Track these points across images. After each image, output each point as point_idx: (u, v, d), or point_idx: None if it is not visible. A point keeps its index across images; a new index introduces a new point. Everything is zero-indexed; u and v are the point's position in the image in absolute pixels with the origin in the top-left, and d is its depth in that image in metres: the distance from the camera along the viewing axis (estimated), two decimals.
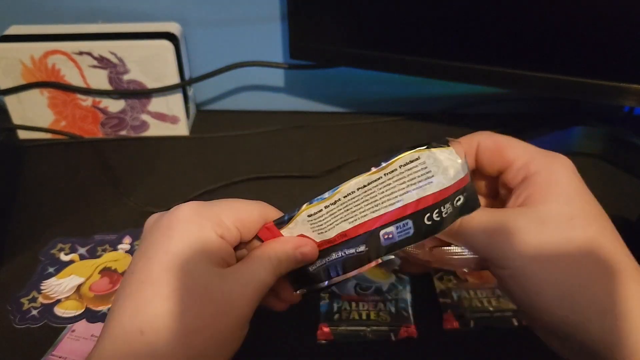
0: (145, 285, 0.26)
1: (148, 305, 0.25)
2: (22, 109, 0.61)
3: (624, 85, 0.47)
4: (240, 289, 0.27)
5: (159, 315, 0.25)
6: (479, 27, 0.49)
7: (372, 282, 0.42)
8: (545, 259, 0.26)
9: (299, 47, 0.57)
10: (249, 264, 0.29)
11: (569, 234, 0.26)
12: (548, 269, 0.26)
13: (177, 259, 0.26)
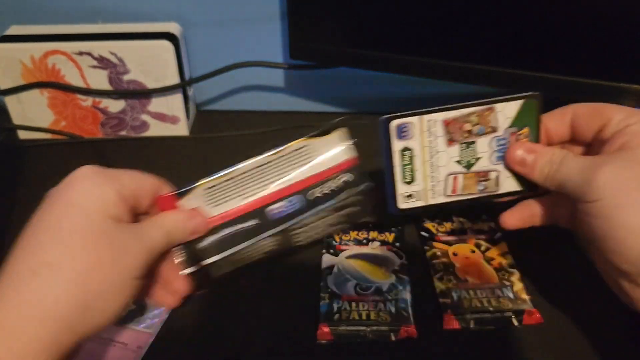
0: (41, 230, 0.28)
1: (43, 248, 0.27)
2: (22, 109, 0.61)
3: (624, 85, 0.47)
4: (134, 241, 0.29)
5: (54, 257, 0.26)
6: (479, 27, 0.49)
7: (372, 282, 0.42)
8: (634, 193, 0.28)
9: (299, 47, 0.57)
10: (143, 225, 0.31)
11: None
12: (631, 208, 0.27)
13: (74, 207, 0.29)
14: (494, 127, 0.33)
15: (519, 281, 0.42)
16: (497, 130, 0.33)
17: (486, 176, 0.34)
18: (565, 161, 0.32)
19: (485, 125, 0.33)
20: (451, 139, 0.33)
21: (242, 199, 0.32)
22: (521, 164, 0.34)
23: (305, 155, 0.33)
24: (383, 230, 0.48)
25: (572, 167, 0.31)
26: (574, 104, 0.35)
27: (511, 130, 0.34)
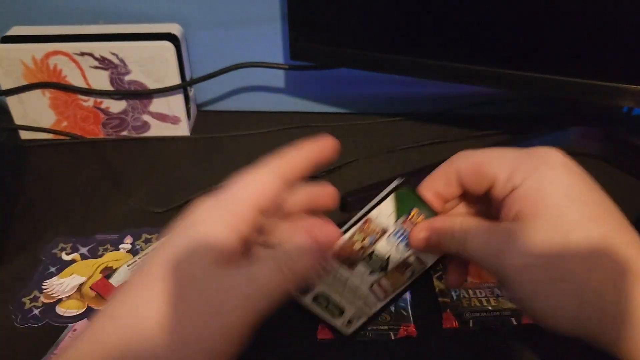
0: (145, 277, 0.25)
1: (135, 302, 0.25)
2: (24, 109, 0.61)
3: (623, 85, 0.47)
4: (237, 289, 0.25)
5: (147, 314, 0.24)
6: (478, 28, 0.49)
7: None
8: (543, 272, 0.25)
9: (299, 47, 0.57)
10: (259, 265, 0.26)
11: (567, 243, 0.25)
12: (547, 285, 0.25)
13: (175, 258, 0.25)
14: (383, 229, 0.31)
15: None
16: (388, 229, 0.31)
17: (406, 264, 0.32)
18: (469, 241, 0.28)
19: (373, 233, 0.31)
20: (350, 263, 0.31)
21: None
22: (426, 246, 0.30)
23: None
24: None
25: (477, 248, 0.27)
26: (457, 159, 0.30)
27: (401, 220, 0.31)
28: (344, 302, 0.31)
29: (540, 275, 0.25)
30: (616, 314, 0.24)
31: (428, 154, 0.59)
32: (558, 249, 0.25)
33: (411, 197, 0.31)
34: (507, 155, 0.28)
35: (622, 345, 0.24)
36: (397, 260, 0.31)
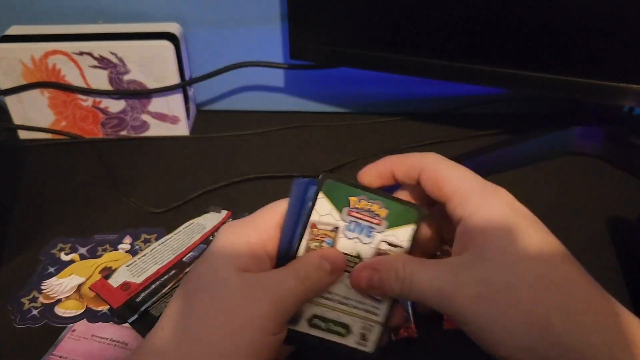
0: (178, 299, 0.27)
1: (171, 305, 0.27)
2: (23, 109, 0.61)
3: (624, 85, 0.47)
4: (259, 292, 0.26)
5: (171, 314, 0.27)
6: (478, 27, 0.49)
7: None
8: (494, 302, 0.25)
9: (299, 47, 0.57)
10: (277, 270, 0.28)
11: (514, 273, 0.25)
12: (497, 315, 0.25)
13: (205, 265, 0.28)
14: (333, 227, 0.30)
15: None
16: (338, 225, 0.30)
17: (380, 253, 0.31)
18: (415, 279, 0.27)
19: (326, 236, 0.30)
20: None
21: (157, 265, 0.43)
22: (369, 287, 0.29)
23: (194, 228, 0.48)
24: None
25: (425, 285, 0.27)
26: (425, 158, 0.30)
27: (345, 212, 0.30)
28: (343, 316, 0.30)
29: (491, 305, 0.25)
30: (566, 343, 0.24)
31: None
32: (506, 279, 0.25)
33: (339, 187, 0.30)
34: (465, 180, 0.29)
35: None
36: (369, 252, 0.30)
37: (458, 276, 0.26)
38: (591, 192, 0.54)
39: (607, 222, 0.49)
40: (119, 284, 0.42)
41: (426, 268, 0.28)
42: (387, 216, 0.30)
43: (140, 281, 0.42)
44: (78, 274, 0.44)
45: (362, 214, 0.30)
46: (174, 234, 0.47)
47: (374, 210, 0.30)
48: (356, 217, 0.30)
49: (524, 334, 0.25)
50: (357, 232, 0.30)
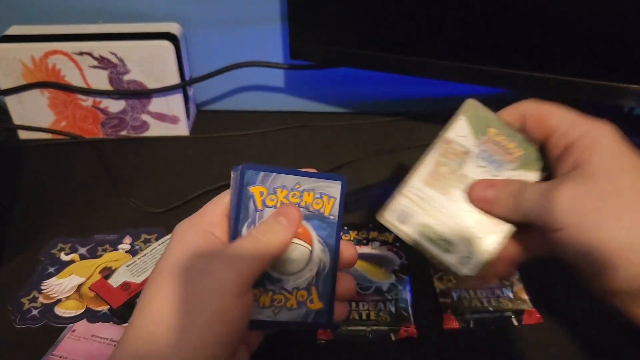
0: (147, 288, 0.29)
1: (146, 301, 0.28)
2: (23, 109, 0.61)
3: (624, 85, 0.47)
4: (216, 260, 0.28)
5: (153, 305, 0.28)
6: (478, 27, 0.49)
7: (372, 282, 0.42)
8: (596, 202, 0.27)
9: (299, 47, 0.57)
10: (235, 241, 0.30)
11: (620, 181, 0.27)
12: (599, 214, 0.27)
13: (170, 260, 0.29)
14: (466, 150, 0.32)
15: (518, 281, 0.42)
16: (470, 149, 0.32)
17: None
18: (523, 191, 0.30)
19: (457, 156, 0.32)
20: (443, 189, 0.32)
21: None
22: (483, 202, 0.31)
23: None
24: (383, 230, 0.48)
25: (531, 197, 0.29)
26: (524, 104, 0.32)
27: (482, 140, 0.32)
28: (450, 234, 0.32)
29: (593, 203, 0.27)
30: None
31: None
32: (611, 183, 0.27)
33: (482, 115, 0.33)
34: (569, 113, 0.31)
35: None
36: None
37: (563, 181, 0.28)
38: None
39: None
40: (119, 284, 0.42)
41: (537, 184, 0.30)
42: (521, 157, 0.32)
43: (140, 281, 0.42)
44: (78, 274, 0.44)
45: (497, 147, 0.32)
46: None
47: (509, 147, 0.32)
48: (491, 149, 0.32)
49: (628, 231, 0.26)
50: (488, 162, 0.32)
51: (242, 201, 0.31)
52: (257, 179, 0.31)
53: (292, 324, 0.31)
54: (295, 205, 0.32)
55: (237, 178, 0.31)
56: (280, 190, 0.32)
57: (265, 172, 0.31)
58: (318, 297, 0.32)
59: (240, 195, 0.31)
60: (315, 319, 0.32)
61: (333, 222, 0.33)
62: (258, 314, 0.30)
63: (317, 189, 0.33)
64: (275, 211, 0.31)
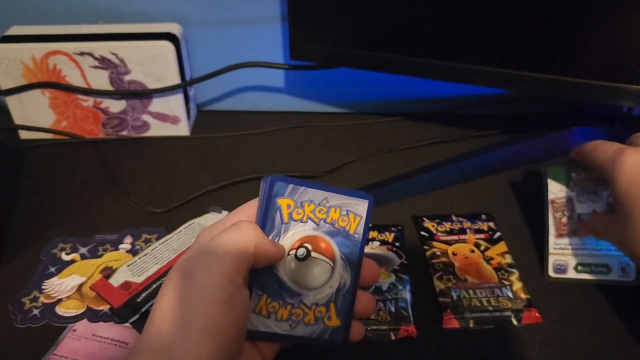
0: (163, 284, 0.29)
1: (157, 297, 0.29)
2: (24, 109, 0.61)
3: (624, 85, 0.47)
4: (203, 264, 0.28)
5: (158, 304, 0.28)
6: (478, 28, 0.49)
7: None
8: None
9: (299, 47, 0.57)
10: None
11: None
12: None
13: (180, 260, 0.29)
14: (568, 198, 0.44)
15: (518, 280, 0.42)
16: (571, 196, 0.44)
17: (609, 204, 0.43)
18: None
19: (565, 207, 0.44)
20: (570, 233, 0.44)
21: (158, 265, 0.43)
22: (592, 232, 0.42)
23: (196, 226, 0.48)
24: (383, 230, 0.48)
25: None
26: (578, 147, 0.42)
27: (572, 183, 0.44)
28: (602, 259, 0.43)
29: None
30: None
31: (428, 154, 0.59)
32: None
33: (561, 171, 0.44)
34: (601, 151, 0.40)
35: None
36: (602, 206, 0.42)
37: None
38: None
39: None
40: (119, 283, 0.42)
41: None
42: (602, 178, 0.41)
43: (140, 281, 0.42)
44: (79, 273, 0.44)
45: (585, 182, 0.43)
46: (175, 233, 0.47)
47: (595, 177, 0.42)
48: (580, 186, 0.43)
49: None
50: (586, 195, 0.43)
51: (269, 212, 0.31)
52: (285, 191, 0.31)
53: (308, 339, 0.31)
54: None
55: (266, 189, 0.31)
56: (308, 204, 0.31)
57: (295, 185, 0.31)
58: (336, 314, 0.32)
59: (268, 206, 0.31)
60: (332, 336, 0.32)
61: (357, 240, 0.33)
62: (275, 327, 0.30)
63: (344, 206, 0.32)
64: None
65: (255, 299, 0.30)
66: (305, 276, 0.31)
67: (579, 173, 0.43)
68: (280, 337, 0.31)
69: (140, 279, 0.42)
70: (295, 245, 0.31)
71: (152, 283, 0.42)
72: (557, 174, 0.44)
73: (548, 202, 0.44)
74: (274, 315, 0.30)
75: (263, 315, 0.30)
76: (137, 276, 0.42)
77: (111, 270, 0.43)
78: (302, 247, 0.31)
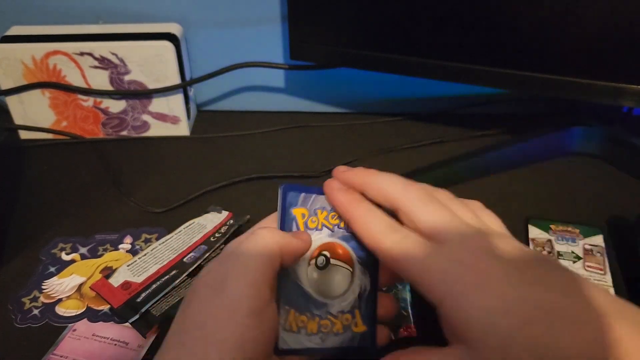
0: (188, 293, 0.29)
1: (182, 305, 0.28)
2: (24, 109, 0.61)
3: (624, 85, 0.47)
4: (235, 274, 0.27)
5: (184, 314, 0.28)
6: (478, 28, 0.49)
7: None
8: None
9: (299, 47, 0.57)
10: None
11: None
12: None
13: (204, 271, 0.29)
14: (547, 240, 0.47)
15: None
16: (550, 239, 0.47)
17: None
18: None
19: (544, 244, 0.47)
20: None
21: (158, 265, 0.43)
22: None
23: (194, 227, 0.47)
24: None
25: None
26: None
27: (551, 231, 0.48)
28: None
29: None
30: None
31: (428, 154, 0.59)
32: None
33: (543, 223, 0.48)
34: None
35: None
36: (581, 250, 0.45)
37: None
38: (591, 192, 0.54)
39: (606, 222, 0.49)
40: (119, 283, 0.42)
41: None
42: (580, 232, 0.47)
43: (140, 281, 0.42)
44: (79, 273, 0.44)
45: (563, 232, 0.47)
46: (175, 233, 0.47)
47: (570, 230, 0.47)
48: (560, 234, 0.47)
49: None
50: (565, 241, 0.46)
51: (286, 223, 0.30)
52: (298, 201, 0.31)
53: (340, 349, 0.31)
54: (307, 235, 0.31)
55: (280, 199, 0.31)
56: (320, 211, 0.32)
57: (306, 194, 0.31)
58: (362, 319, 0.32)
59: (284, 216, 0.30)
60: (361, 342, 0.31)
61: None
62: (307, 342, 0.30)
63: None
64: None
65: (284, 314, 0.29)
66: (328, 285, 0.31)
67: (557, 226, 0.48)
68: (312, 352, 0.30)
69: (140, 278, 0.42)
70: (315, 254, 0.31)
71: (152, 283, 0.42)
72: (540, 224, 0.48)
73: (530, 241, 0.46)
74: (304, 330, 0.30)
75: (293, 331, 0.29)
76: (137, 276, 0.42)
77: (111, 270, 0.43)
78: (321, 255, 0.31)
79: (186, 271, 0.43)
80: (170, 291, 0.41)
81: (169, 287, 0.41)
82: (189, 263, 0.44)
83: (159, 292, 0.41)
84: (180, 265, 0.43)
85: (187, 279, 0.42)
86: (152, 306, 0.40)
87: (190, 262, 0.44)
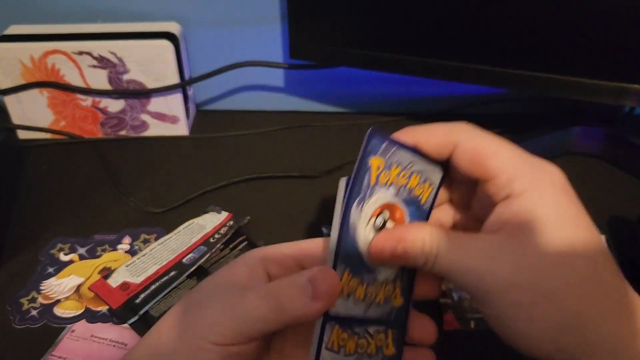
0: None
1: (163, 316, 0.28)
2: (22, 109, 0.61)
3: (624, 85, 0.47)
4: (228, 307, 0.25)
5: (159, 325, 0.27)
6: (478, 27, 0.49)
7: None
8: (527, 293, 0.23)
9: (299, 47, 0.57)
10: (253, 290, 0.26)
11: (552, 263, 0.23)
12: (529, 307, 0.23)
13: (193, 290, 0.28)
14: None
15: None
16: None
17: None
18: (441, 255, 0.25)
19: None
20: None
21: (157, 266, 0.43)
22: (391, 258, 0.26)
23: (194, 227, 0.48)
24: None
25: (450, 263, 0.25)
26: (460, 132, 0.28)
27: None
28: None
29: (524, 296, 0.24)
30: (596, 342, 0.23)
31: None
32: (542, 268, 0.24)
33: None
34: (513, 156, 0.27)
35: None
36: None
37: (492, 262, 0.24)
38: (591, 192, 0.53)
39: (607, 222, 0.49)
40: (118, 284, 0.42)
41: (455, 245, 0.25)
42: None
43: (139, 281, 0.42)
44: (77, 274, 0.44)
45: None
46: (174, 234, 0.47)
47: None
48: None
49: (554, 331, 0.24)
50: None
51: (360, 172, 0.27)
52: (379, 149, 0.27)
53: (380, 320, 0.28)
54: (335, 276, 0.26)
55: (364, 143, 0.27)
56: (395, 166, 0.28)
57: (389, 143, 0.27)
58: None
59: (361, 164, 0.27)
60: (397, 316, 0.29)
61: (425, 212, 0.29)
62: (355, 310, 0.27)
63: (424, 172, 0.29)
64: (309, 274, 0.25)
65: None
66: None
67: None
68: None
69: (139, 279, 0.42)
70: (376, 213, 0.28)
71: (151, 284, 0.42)
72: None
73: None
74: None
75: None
76: (136, 277, 0.42)
77: (110, 271, 0.43)
78: (381, 215, 0.28)
79: (185, 272, 0.43)
80: (170, 292, 0.41)
81: (168, 288, 0.41)
82: (189, 264, 0.43)
83: (158, 293, 0.41)
84: (180, 266, 0.43)
85: (186, 279, 0.42)
86: (151, 307, 0.39)
87: (190, 263, 0.43)
